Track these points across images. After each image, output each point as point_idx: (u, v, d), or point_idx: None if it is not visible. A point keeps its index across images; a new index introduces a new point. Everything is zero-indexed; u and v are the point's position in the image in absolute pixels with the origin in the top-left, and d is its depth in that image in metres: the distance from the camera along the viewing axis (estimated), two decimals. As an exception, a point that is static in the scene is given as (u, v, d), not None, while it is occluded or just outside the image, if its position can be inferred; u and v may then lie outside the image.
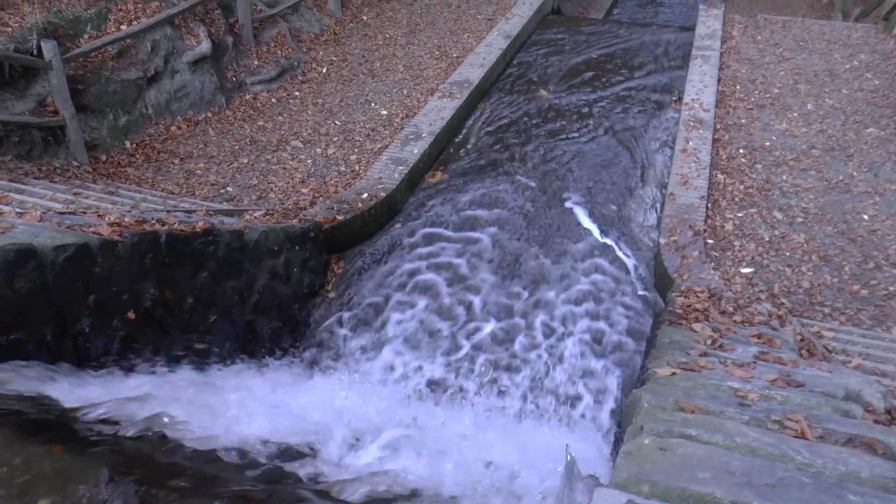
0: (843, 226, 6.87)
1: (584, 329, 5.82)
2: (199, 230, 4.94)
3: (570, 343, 5.74)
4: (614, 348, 5.70)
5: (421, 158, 7.81)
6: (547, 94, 9.76)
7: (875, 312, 5.79)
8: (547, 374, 5.60)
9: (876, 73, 9.89)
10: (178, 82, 8.47)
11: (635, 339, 5.77)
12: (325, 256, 6.64)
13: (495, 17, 12.00)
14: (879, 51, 10.62)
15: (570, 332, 5.82)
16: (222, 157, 7.98)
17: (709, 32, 11.24)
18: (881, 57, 10.40)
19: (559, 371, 5.59)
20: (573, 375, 5.55)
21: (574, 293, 6.18)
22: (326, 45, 10.75)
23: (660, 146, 8.52)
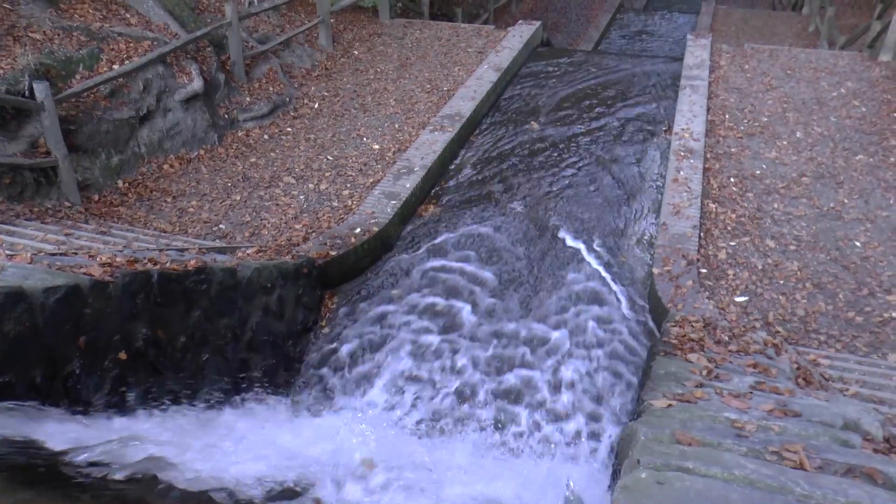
0: (836, 253, 6.88)
1: (579, 362, 5.79)
2: (192, 269, 4.92)
3: (565, 376, 5.71)
4: (611, 380, 5.67)
5: (413, 192, 7.82)
6: (538, 125, 9.81)
7: (871, 339, 5.78)
8: (544, 408, 5.56)
9: (863, 100, 9.97)
10: (170, 120, 8.50)
11: (631, 370, 5.74)
12: (319, 292, 6.62)
13: (485, 50, 12.10)
14: (865, 78, 10.71)
15: (566, 365, 5.79)
16: (215, 195, 7.98)
17: (697, 62, 11.34)
18: (867, 84, 10.49)
19: (556, 404, 5.56)
20: (570, 408, 5.51)
21: (569, 325, 6.16)
22: (318, 81, 10.81)
23: (651, 176, 8.55)
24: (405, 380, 5.87)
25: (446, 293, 6.55)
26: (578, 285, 6.65)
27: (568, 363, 5.80)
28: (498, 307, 6.41)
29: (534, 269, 6.89)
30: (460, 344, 6.07)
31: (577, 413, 5.49)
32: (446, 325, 6.23)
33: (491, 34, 12.97)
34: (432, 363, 5.94)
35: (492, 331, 6.18)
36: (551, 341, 6.02)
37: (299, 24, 11.73)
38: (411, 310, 6.40)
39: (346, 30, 12.79)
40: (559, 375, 5.73)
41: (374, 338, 6.21)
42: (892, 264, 6.67)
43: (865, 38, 13.45)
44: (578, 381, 5.66)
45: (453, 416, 5.63)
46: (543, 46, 13.68)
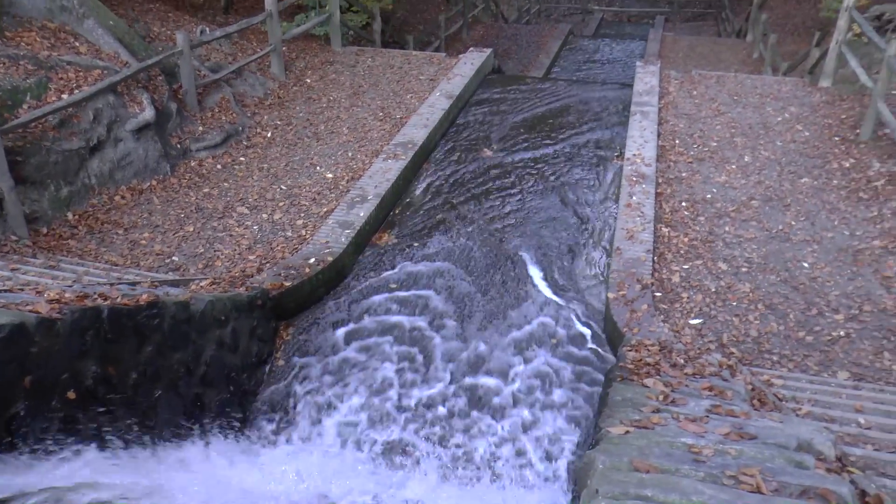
0: (786, 274, 7.03)
1: (536, 388, 5.80)
2: (144, 303, 4.83)
3: (523, 403, 5.71)
4: (567, 407, 5.68)
5: (367, 221, 7.81)
6: (490, 152, 9.89)
7: (821, 358, 5.89)
8: (502, 435, 5.55)
9: (805, 124, 10.24)
10: (121, 151, 8.39)
11: (588, 397, 5.77)
12: (274, 324, 6.55)
13: (437, 78, 12.18)
14: (807, 103, 11.01)
15: (523, 392, 5.80)
16: (168, 226, 7.88)
17: (647, 89, 11.55)
18: (809, 109, 10.78)
19: (514, 432, 5.55)
20: (528, 436, 5.51)
21: (524, 352, 6.17)
22: (271, 109, 10.78)
23: (604, 201, 8.66)
24: (361, 412, 5.82)
25: (402, 324, 6.52)
26: (534, 311, 6.68)
27: (525, 391, 5.81)
28: (453, 335, 6.41)
29: (489, 296, 6.90)
30: (416, 373, 6.05)
31: (535, 441, 5.49)
32: (402, 355, 6.20)
33: (443, 62, 13.07)
34: (388, 394, 5.90)
35: (447, 359, 6.16)
36: (508, 369, 6.02)
37: (251, 52, 11.70)
38: (367, 340, 6.37)
39: (299, 58, 12.79)
40: (516, 403, 5.73)
41: (330, 369, 6.15)
42: (839, 284, 6.83)
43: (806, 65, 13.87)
44: (536, 409, 5.67)
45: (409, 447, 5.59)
46: (495, 73, 13.82)
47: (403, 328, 6.46)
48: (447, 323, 6.52)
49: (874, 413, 4.89)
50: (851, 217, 7.90)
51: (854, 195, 8.30)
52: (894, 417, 4.81)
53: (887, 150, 8.94)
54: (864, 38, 11.27)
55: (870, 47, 11.20)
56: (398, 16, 18.80)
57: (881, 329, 6.17)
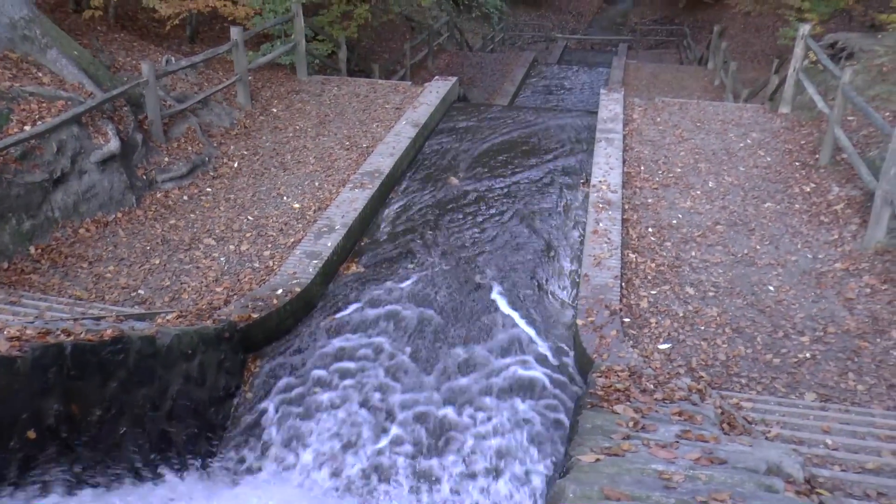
0: (752, 297, 7.11)
1: (505, 418, 5.79)
2: (108, 338, 4.76)
3: (493, 433, 5.70)
4: (538, 437, 5.68)
5: (335, 251, 7.79)
6: (457, 180, 9.94)
7: (788, 380, 5.95)
8: (471, 465, 5.53)
9: (767, 150, 10.43)
10: (86, 183, 8.29)
11: (558, 425, 5.77)
12: (242, 356, 6.49)
13: (403, 106, 12.24)
14: (769, 129, 11.22)
15: (492, 422, 5.78)
16: (133, 259, 7.79)
17: (611, 116, 11.69)
18: (770, 135, 10.99)
19: (484, 462, 5.53)
20: (498, 466, 5.49)
21: (494, 381, 6.16)
22: (237, 139, 10.74)
23: (571, 228, 8.72)
24: (330, 446, 5.77)
25: (371, 353, 6.50)
26: (502, 339, 6.68)
27: (495, 420, 5.80)
28: (422, 364, 6.39)
29: (457, 326, 6.89)
30: (387, 404, 6.01)
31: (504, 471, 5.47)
32: (372, 386, 6.17)
33: (408, 90, 13.14)
34: (357, 426, 5.86)
35: (416, 391, 6.13)
36: (478, 398, 6.01)
37: (217, 81, 11.68)
38: (335, 372, 6.32)
39: (265, 87, 12.79)
40: (486, 433, 5.71)
41: (298, 402, 6.10)
42: (803, 306, 6.92)
43: (766, 92, 14.16)
44: (506, 438, 5.66)
45: (378, 479, 5.54)
46: (460, 101, 13.93)
47: (372, 359, 6.43)
48: (416, 352, 6.51)
49: (841, 434, 4.95)
50: (814, 240, 8.04)
51: (815, 219, 8.45)
52: (860, 438, 4.87)
53: (845, 175, 9.13)
54: (819, 66, 11.53)
55: (826, 74, 11.46)
56: (364, 44, 18.90)
57: (845, 350, 6.27)
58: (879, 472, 4.32)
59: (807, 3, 16.60)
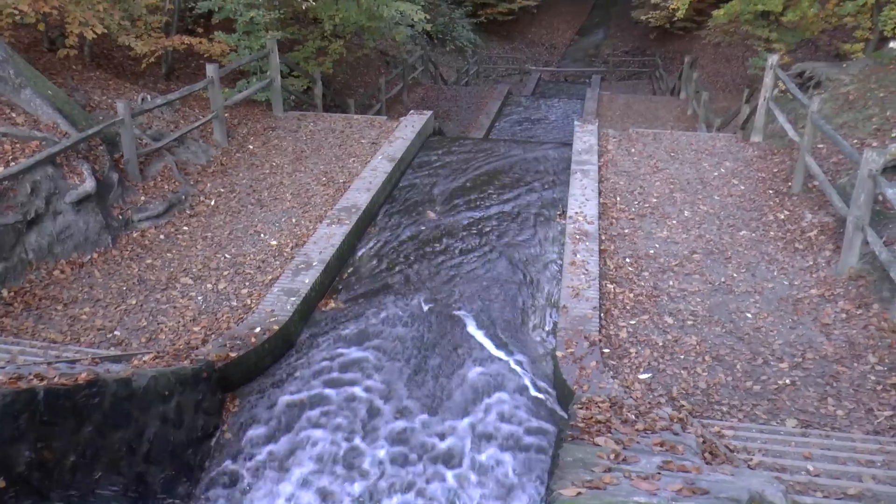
0: (731, 325, 7.15)
1: (487, 453, 5.76)
2: (83, 382, 4.70)
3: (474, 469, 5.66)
4: (519, 471, 5.64)
5: (313, 287, 7.76)
6: (434, 214, 9.96)
7: (769, 406, 5.97)
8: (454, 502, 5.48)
9: (741, 179, 10.56)
10: (60, 224, 8.22)
11: (539, 458, 5.74)
12: (220, 396, 6.41)
13: (379, 141, 12.28)
14: (741, 158, 11.37)
15: (473, 458, 5.75)
16: (109, 300, 7.71)
17: (586, 147, 11.79)
18: (743, 164, 11.13)
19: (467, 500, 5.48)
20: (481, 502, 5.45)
21: (474, 416, 6.13)
22: (214, 177, 10.72)
23: (549, 260, 8.75)
24: (311, 483, 5.70)
25: (350, 391, 6.45)
26: (482, 372, 6.66)
27: (475, 455, 5.76)
28: (402, 401, 6.35)
29: (437, 361, 6.87)
30: (367, 444, 5.95)
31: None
32: (351, 425, 6.11)
33: (384, 125, 13.20)
34: (337, 465, 5.79)
35: (398, 429, 6.08)
36: (458, 434, 5.97)
37: (193, 119, 11.68)
38: (315, 410, 6.27)
39: (241, 124, 12.80)
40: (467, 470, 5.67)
41: (278, 441, 6.03)
42: (781, 333, 6.97)
43: (738, 121, 14.37)
44: (487, 474, 5.62)
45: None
46: (436, 135, 14.01)
47: (352, 397, 6.38)
48: (395, 390, 6.46)
49: (822, 460, 4.96)
50: (789, 267, 8.12)
51: (790, 246, 8.54)
52: (841, 463, 4.88)
53: (817, 202, 9.25)
54: (789, 95, 11.72)
55: (795, 103, 11.65)
56: (339, 79, 19.01)
57: (824, 375, 6.31)
58: (861, 498, 4.33)
59: (774, 33, 16.96)
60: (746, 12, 16.37)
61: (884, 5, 13.95)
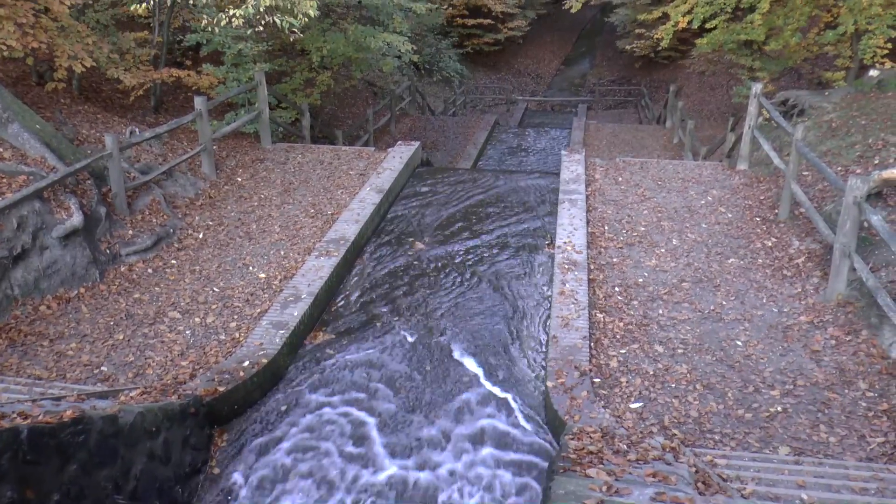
0: (721, 353, 7.15)
1: (477, 488, 5.70)
2: (68, 419, 4.64)
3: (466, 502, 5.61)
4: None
5: (302, 320, 7.72)
6: (422, 245, 9.96)
7: (761, 434, 5.95)
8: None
9: (728, 206, 10.61)
10: (47, 259, 8.17)
11: (532, 492, 5.69)
12: (208, 431, 6.35)
13: (367, 172, 12.31)
14: (728, 186, 11.44)
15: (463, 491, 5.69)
16: (96, 335, 7.65)
17: (573, 177, 11.84)
18: (730, 192, 11.20)
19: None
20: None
21: (464, 448, 6.08)
22: (202, 210, 10.70)
23: (538, 290, 8.75)
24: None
25: (340, 424, 6.39)
26: (473, 404, 6.61)
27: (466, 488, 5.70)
28: (393, 434, 6.29)
29: (427, 392, 6.82)
30: (359, 476, 5.89)
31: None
32: (342, 457, 6.05)
33: (372, 156, 13.24)
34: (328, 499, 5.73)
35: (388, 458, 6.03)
36: (449, 467, 5.92)
37: (182, 151, 11.69)
38: (305, 443, 6.20)
39: (229, 156, 12.81)
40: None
41: (267, 476, 5.95)
42: (772, 360, 6.97)
43: (723, 149, 14.49)
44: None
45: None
46: (424, 166, 14.06)
47: (342, 429, 6.32)
48: (385, 423, 6.41)
49: (816, 488, 4.94)
50: (778, 294, 8.14)
51: (779, 273, 8.57)
52: (835, 491, 4.86)
53: (804, 229, 9.30)
54: (773, 123, 11.84)
55: (779, 131, 11.77)
56: (327, 111, 19.09)
57: (815, 402, 6.30)
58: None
59: (758, 62, 17.17)
60: (730, 41, 16.58)
61: (863, 34, 14.16)
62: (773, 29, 15.95)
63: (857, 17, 13.78)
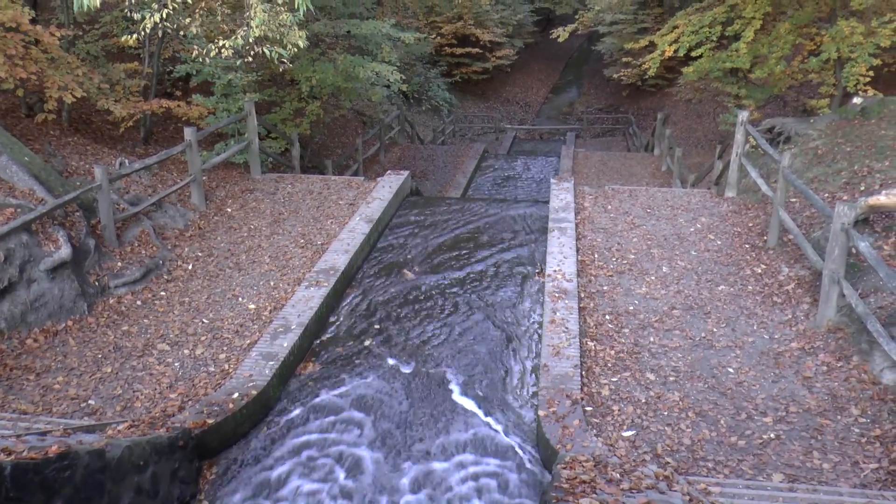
0: (713, 380, 7.14)
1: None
2: (53, 455, 4.58)
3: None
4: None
5: (291, 351, 7.68)
6: (412, 275, 9.95)
7: (755, 461, 5.94)
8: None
9: (717, 234, 10.66)
10: (35, 292, 8.11)
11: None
12: (197, 463, 6.27)
13: (356, 202, 12.32)
14: (716, 213, 11.50)
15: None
16: (84, 368, 7.58)
17: (562, 205, 11.87)
18: (719, 219, 11.25)
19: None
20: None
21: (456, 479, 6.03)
22: (192, 241, 10.67)
23: (529, 319, 8.74)
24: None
25: (330, 457, 6.33)
26: (465, 434, 6.57)
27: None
28: (384, 464, 6.24)
29: (417, 421, 6.78)
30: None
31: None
32: (331, 492, 5.99)
33: (361, 185, 13.25)
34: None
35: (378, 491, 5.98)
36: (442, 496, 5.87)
37: (171, 182, 11.68)
38: (294, 476, 6.14)
39: (219, 187, 12.80)
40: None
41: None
42: (764, 387, 6.97)
43: (712, 176, 14.58)
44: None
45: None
46: (413, 195, 14.08)
47: (332, 461, 6.27)
48: (376, 455, 6.36)
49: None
50: (769, 321, 8.15)
51: (769, 300, 8.59)
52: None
53: (793, 255, 9.34)
54: (760, 150, 11.93)
55: (766, 158, 11.86)
56: (316, 141, 19.14)
57: (808, 429, 6.30)
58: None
59: (743, 90, 17.36)
60: (716, 69, 16.76)
61: (845, 62, 14.35)
62: (758, 57, 16.15)
63: (839, 44, 13.97)
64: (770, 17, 16.14)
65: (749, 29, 15.21)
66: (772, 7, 15.42)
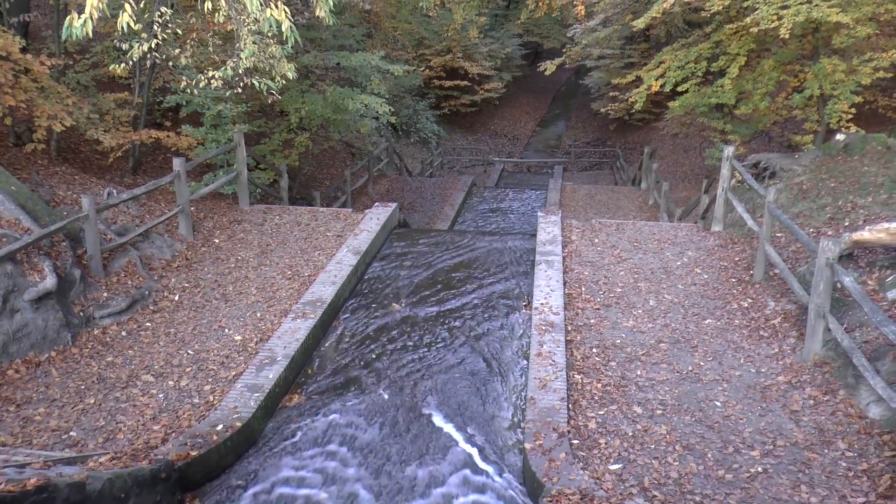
0: (700, 414, 7.13)
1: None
2: (31, 488, 4.51)
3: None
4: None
5: (277, 383, 7.63)
6: (399, 307, 9.94)
7: (742, 495, 5.91)
8: None
9: (704, 267, 10.71)
10: (18, 322, 8.03)
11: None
12: (179, 496, 6.20)
13: (344, 234, 12.32)
14: (703, 247, 11.56)
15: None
16: (66, 400, 7.49)
17: (549, 238, 11.92)
18: (705, 253, 11.31)
19: None
20: None
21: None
22: (178, 272, 10.63)
23: (515, 351, 8.73)
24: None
25: (314, 490, 6.27)
26: (450, 468, 6.53)
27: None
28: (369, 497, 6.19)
29: (403, 455, 6.73)
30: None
31: None
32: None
33: (349, 217, 13.27)
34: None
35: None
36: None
37: (159, 213, 11.65)
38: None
39: (207, 217, 12.78)
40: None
41: (241, 545, 5.82)
42: (751, 421, 6.96)
43: (698, 210, 14.68)
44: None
45: None
46: (401, 227, 14.10)
47: (316, 496, 6.21)
48: (360, 489, 6.30)
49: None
50: (755, 355, 8.17)
51: (755, 333, 8.62)
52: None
53: (779, 289, 9.39)
54: (746, 185, 12.04)
55: (752, 193, 11.97)
56: (305, 172, 19.18)
57: (796, 462, 6.28)
58: None
59: (729, 125, 17.55)
60: (701, 105, 16.94)
61: (828, 99, 14.55)
62: (743, 93, 16.35)
63: (822, 81, 14.17)
64: (754, 54, 16.36)
65: (734, 65, 15.41)
66: (756, 44, 15.63)
